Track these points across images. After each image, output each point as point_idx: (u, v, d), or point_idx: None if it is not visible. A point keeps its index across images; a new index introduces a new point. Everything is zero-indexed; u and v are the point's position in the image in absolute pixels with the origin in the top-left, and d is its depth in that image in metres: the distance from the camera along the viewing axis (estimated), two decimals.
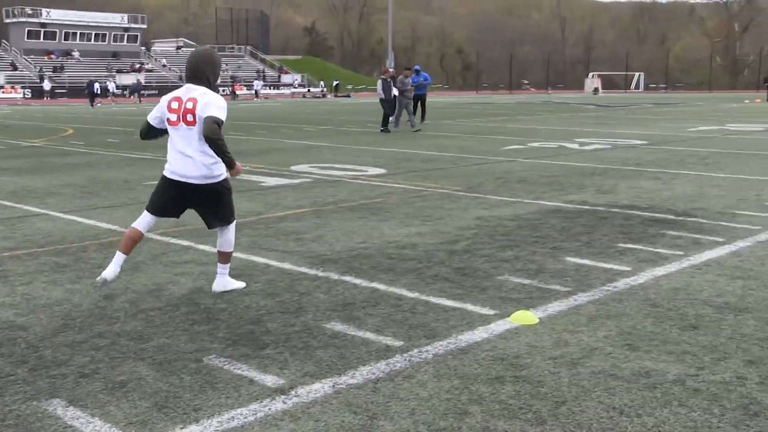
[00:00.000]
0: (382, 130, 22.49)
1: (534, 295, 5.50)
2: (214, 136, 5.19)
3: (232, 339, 4.63)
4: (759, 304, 5.28)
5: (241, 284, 5.78)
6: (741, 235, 7.47)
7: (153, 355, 4.38)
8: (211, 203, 5.61)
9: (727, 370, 4.09)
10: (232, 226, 5.75)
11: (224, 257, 5.73)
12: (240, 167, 5.47)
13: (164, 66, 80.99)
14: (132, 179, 12.22)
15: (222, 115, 5.28)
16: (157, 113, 5.55)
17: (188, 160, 5.39)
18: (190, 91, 5.41)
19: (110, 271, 5.50)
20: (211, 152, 5.34)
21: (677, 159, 14.53)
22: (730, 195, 9.98)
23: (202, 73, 5.43)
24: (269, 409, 3.65)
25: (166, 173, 5.55)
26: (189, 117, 5.33)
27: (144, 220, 5.71)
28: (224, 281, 5.72)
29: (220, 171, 5.49)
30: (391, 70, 25.25)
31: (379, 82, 23.75)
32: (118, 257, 5.57)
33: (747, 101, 49.10)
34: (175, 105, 5.42)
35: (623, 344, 4.51)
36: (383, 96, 23.21)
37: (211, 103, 5.30)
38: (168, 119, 5.46)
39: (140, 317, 5.08)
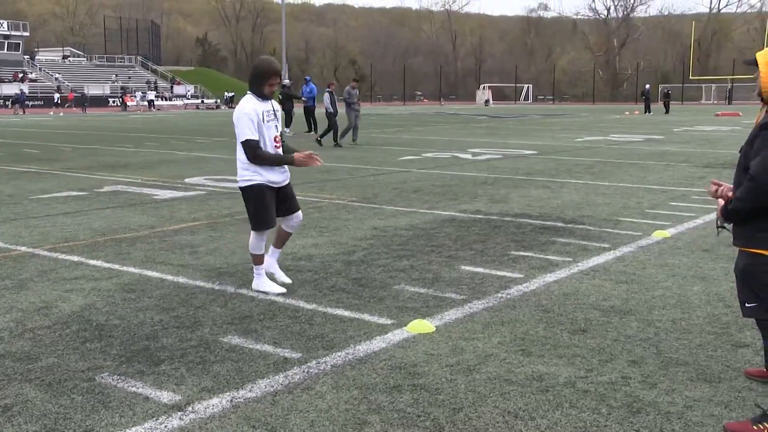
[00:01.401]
0: (335, 145, 21.46)
1: (430, 304, 5.59)
2: (254, 160, 5.66)
3: (126, 356, 4.51)
4: (641, 306, 5.54)
5: (279, 289, 5.91)
6: (625, 241, 7.81)
7: (41, 375, 4.21)
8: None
9: (613, 371, 4.28)
10: (252, 234, 5.92)
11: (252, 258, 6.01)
12: (302, 156, 5.76)
13: (57, 79, 77.36)
14: (16, 193, 11.73)
15: (245, 134, 5.64)
16: None
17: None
18: None
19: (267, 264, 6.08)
20: (243, 159, 5.73)
21: (565, 168, 15.05)
22: (614, 202, 10.42)
23: (250, 83, 5.79)
24: (165, 426, 3.58)
25: None
26: None
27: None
28: (257, 281, 5.99)
29: (247, 177, 5.78)
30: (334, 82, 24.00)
31: (327, 94, 22.74)
32: (272, 251, 6.13)
33: (627, 113, 51.33)
34: None
35: (517, 350, 4.64)
36: (331, 110, 22.27)
37: (235, 122, 5.71)
38: None
39: (27, 336, 4.88)
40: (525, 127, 32.51)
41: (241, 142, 5.69)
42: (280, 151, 5.89)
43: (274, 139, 5.84)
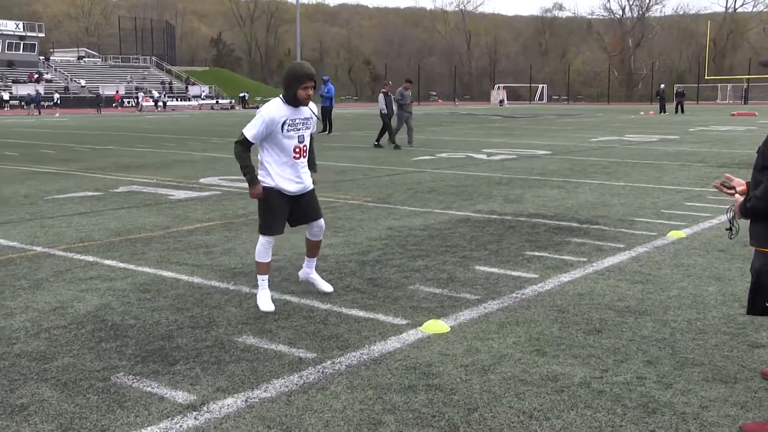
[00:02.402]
0: (394, 147, 20.79)
1: (445, 304, 5.59)
2: (234, 153, 5.54)
3: (142, 356, 4.53)
4: (656, 306, 5.51)
5: (268, 307, 5.48)
6: (640, 241, 7.77)
7: (57, 375, 4.24)
8: None
9: (629, 371, 4.26)
10: (259, 239, 5.71)
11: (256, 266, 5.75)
12: (254, 191, 5.56)
13: (82, 85, 77.58)
14: (32, 194, 11.80)
15: (247, 130, 5.46)
16: None
17: None
18: None
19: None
20: (260, 159, 5.61)
21: (580, 168, 15.00)
22: (629, 203, 10.37)
23: (283, 88, 5.59)
24: (180, 426, 3.59)
25: None
26: None
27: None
28: (258, 294, 5.64)
29: (259, 178, 5.61)
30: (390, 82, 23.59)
31: (381, 95, 22.29)
32: (307, 262, 6.07)
33: (642, 113, 51.10)
34: None
35: (532, 350, 4.62)
36: (385, 111, 21.82)
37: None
38: None
39: (43, 336, 4.91)
40: (539, 128, 32.43)
41: (241, 134, 5.45)
42: (299, 161, 5.56)
43: (293, 150, 5.51)
